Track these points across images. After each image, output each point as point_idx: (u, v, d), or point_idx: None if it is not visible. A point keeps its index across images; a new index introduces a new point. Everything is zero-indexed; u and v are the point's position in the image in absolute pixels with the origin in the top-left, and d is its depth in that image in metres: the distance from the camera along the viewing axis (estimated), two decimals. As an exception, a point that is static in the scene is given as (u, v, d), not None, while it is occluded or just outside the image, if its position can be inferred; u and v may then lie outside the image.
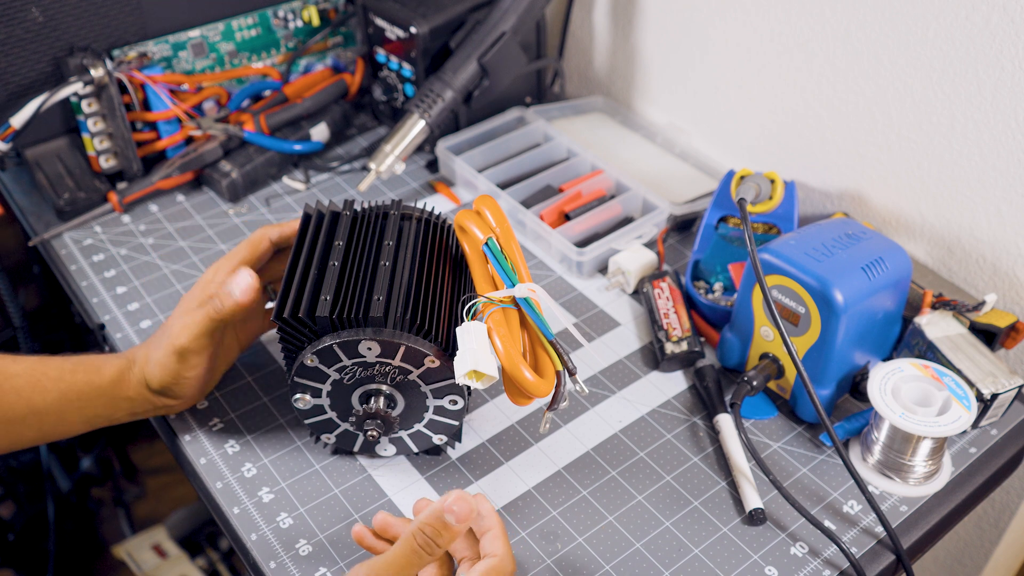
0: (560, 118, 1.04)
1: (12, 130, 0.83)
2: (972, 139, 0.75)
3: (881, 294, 0.67)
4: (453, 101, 0.92)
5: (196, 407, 0.72)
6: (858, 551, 0.62)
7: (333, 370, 0.61)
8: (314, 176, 0.97)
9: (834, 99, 0.84)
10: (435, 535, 0.50)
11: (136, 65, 0.90)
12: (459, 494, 0.50)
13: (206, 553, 1.35)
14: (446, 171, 0.97)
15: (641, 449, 0.69)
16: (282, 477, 0.67)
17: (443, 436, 0.66)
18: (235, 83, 0.99)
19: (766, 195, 0.79)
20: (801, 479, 0.67)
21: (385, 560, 0.51)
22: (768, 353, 0.71)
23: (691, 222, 0.90)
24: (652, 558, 0.62)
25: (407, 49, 0.94)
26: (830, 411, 0.70)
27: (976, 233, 0.79)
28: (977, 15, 0.71)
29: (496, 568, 0.52)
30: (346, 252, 0.64)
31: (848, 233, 0.70)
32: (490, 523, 0.55)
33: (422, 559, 0.51)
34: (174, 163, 0.92)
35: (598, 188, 0.92)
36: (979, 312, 0.72)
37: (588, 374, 0.75)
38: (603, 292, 0.83)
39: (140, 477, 1.51)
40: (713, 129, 0.98)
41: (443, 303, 0.63)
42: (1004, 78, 0.71)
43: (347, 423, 0.65)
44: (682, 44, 0.96)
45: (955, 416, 0.62)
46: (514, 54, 0.95)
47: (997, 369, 0.68)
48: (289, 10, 1.01)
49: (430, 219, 0.69)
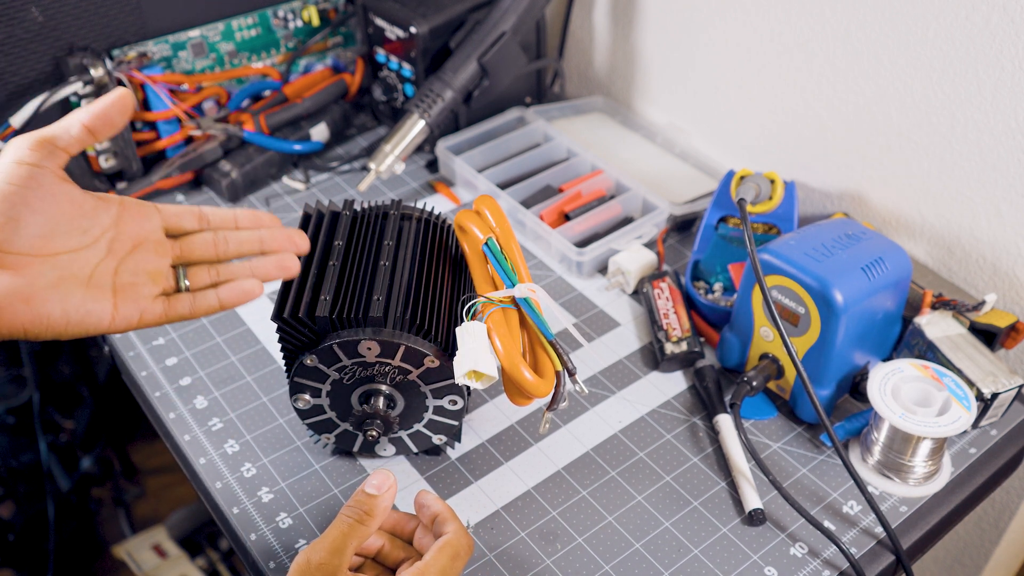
0: (560, 118, 1.04)
1: (12, 130, 0.83)
2: (972, 139, 0.75)
3: (881, 294, 0.67)
4: (453, 101, 0.92)
5: (196, 407, 0.72)
6: (858, 551, 0.62)
7: (333, 370, 0.61)
8: (314, 176, 0.97)
9: (834, 99, 0.84)
10: (360, 504, 0.54)
11: (136, 65, 0.90)
12: (378, 469, 0.56)
13: (206, 553, 1.35)
14: (446, 171, 0.97)
15: (641, 449, 0.69)
16: (281, 477, 0.67)
17: (443, 436, 0.66)
18: (235, 83, 0.99)
19: (766, 195, 0.79)
20: (801, 479, 0.67)
21: (322, 538, 0.53)
22: (768, 353, 0.71)
23: (691, 222, 0.90)
24: (652, 558, 0.62)
25: (407, 49, 0.94)
26: (830, 411, 0.70)
27: (976, 233, 0.79)
28: (977, 15, 0.71)
29: (451, 543, 0.54)
30: (346, 252, 0.64)
31: (848, 233, 0.69)
32: (436, 508, 0.57)
33: (356, 530, 0.53)
34: (174, 163, 0.92)
35: (598, 188, 0.92)
36: (979, 312, 0.72)
37: (588, 374, 0.75)
38: (603, 292, 0.83)
39: (140, 477, 1.51)
40: (713, 129, 0.98)
41: (443, 303, 0.63)
42: (1004, 78, 0.71)
43: (347, 423, 0.65)
44: (682, 44, 0.96)
45: (955, 416, 0.62)
46: (514, 54, 0.95)
47: (997, 369, 0.68)
48: (289, 10, 1.01)
49: (430, 219, 0.69)
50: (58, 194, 0.54)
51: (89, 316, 0.55)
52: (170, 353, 0.77)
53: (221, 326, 0.79)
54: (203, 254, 0.61)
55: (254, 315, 0.80)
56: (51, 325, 0.54)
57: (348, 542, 0.52)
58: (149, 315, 0.58)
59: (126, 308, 0.57)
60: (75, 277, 0.55)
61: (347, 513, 0.54)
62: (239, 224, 0.62)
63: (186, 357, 0.76)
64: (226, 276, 0.61)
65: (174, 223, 0.60)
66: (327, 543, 0.52)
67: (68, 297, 0.54)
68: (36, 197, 0.53)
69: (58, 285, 0.54)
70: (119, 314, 0.56)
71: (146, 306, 0.58)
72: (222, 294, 0.60)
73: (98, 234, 0.57)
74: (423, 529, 0.58)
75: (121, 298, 0.57)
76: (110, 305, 0.56)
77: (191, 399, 0.73)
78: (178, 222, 0.60)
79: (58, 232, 0.54)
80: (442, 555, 0.53)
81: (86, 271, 0.56)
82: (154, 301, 0.58)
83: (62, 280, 0.54)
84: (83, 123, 0.54)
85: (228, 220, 0.61)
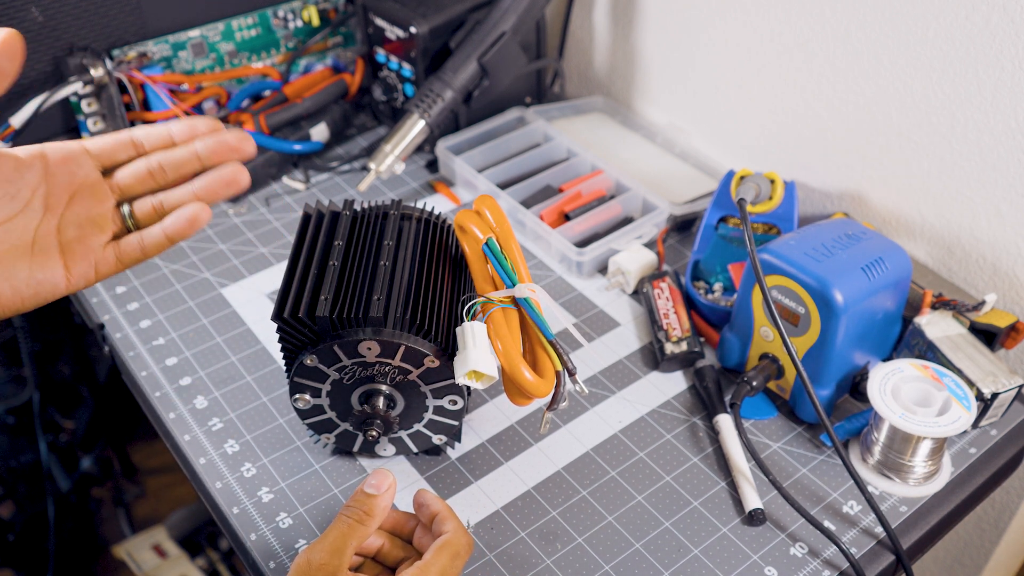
0: (560, 118, 1.04)
1: (12, 130, 0.83)
2: (972, 139, 0.75)
3: (881, 294, 0.67)
4: (453, 101, 0.92)
5: (196, 407, 0.72)
6: (858, 551, 0.62)
7: (333, 370, 0.61)
8: (314, 176, 0.97)
9: (834, 99, 0.84)
10: (360, 504, 0.54)
11: (136, 65, 0.90)
12: (377, 469, 0.55)
13: (206, 553, 1.35)
14: (446, 171, 0.97)
15: (641, 449, 0.69)
16: (281, 477, 0.67)
17: (443, 436, 0.66)
18: (235, 83, 0.99)
19: (766, 195, 0.79)
20: (801, 479, 0.67)
21: (321, 539, 0.53)
22: (768, 353, 0.71)
23: (691, 222, 0.90)
24: (652, 558, 0.62)
25: (407, 49, 0.94)
26: (830, 411, 0.70)
27: (976, 233, 0.79)
28: (977, 15, 0.71)
29: (450, 542, 0.54)
30: (346, 252, 0.64)
31: (848, 233, 0.69)
32: (436, 508, 0.57)
33: (355, 531, 0.53)
34: (174, 163, 0.92)
35: (598, 188, 0.92)
36: (979, 312, 0.72)
37: (588, 374, 0.75)
38: (603, 292, 0.83)
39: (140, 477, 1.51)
40: (713, 129, 0.98)
41: (443, 303, 0.63)
42: (1004, 78, 0.71)
43: (347, 423, 0.65)
44: (682, 44, 0.96)
45: (955, 416, 0.62)
46: (514, 54, 0.95)
47: (997, 369, 0.68)
48: (289, 10, 1.01)
49: (430, 219, 0.69)
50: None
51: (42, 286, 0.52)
52: (170, 353, 0.77)
53: (221, 326, 0.79)
54: (143, 186, 0.55)
55: (254, 315, 0.80)
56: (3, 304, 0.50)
57: (348, 542, 0.52)
58: (104, 266, 0.54)
59: (78, 266, 0.53)
60: (16, 248, 0.51)
61: (346, 513, 0.54)
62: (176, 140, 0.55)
63: (186, 357, 0.76)
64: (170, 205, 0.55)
65: (107, 159, 0.55)
66: (327, 544, 0.52)
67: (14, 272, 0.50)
68: None
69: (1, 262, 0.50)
70: (72, 274, 0.53)
71: (98, 257, 0.54)
72: (167, 227, 0.54)
73: (28, 195, 0.52)
74: (422, 528, 0.58)
75: (71, 257, 0.53)
76: (61, 268, 0.52)
77: (191, 399, 0.73)
78: (111, 156, 0.55)
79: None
80: (442, 554, 0.53)
81: (27, 238, 0.51)
82: (105, 250, 0.54)
83: (3, 256, 0.50)
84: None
85: (163, 138, 0.55)
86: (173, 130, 0.55)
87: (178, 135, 0.55)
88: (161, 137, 0.55)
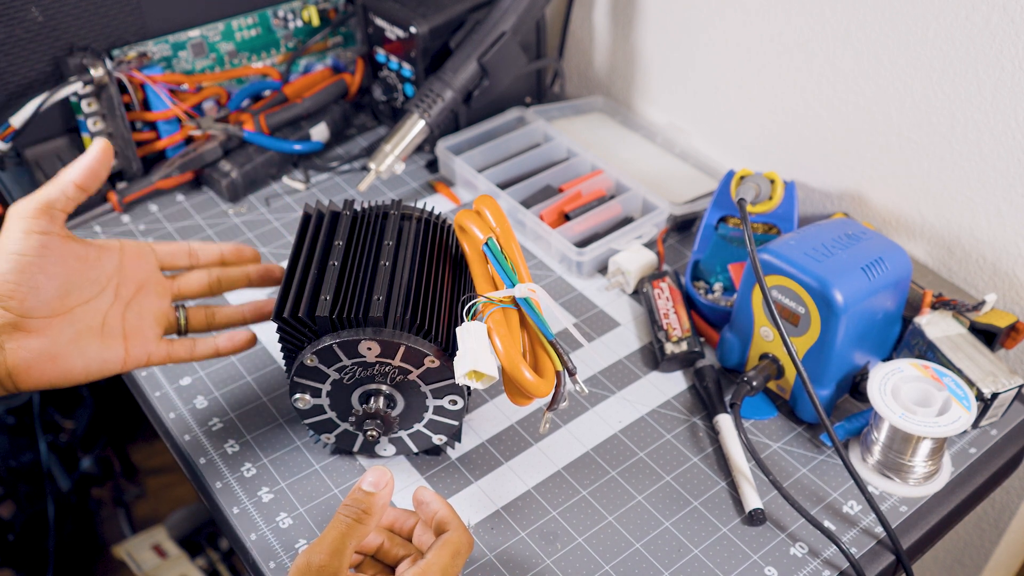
0: (560, 118, 1.04)
1: (12, 130, 0.83)
2: (972, 139, 0.75)
3: (881, 294, 0.67)
4: (453, 101, 0.92)
5: (196, 407, 0.72)
6: (858, 551, 0.62)
7: (333, 370, 0.61)
8: (314, 176, 0.97)
9: (834, 99, 0.84)
10: (358, 503, 0.54)
11: (136, 65, 0.90)
12: (375, 467, 0.55)
13: (206, 553, 1.36)
14: (446, 171, 0.97)
15: (641, 449, 0.69)
16: (281, 477, 0.67)
17: (443, 436, 0.66)
18: (235, 83, 0.99)
19: (766, 195, 0.79)
20: (801, 479, 0.67)
21: (321, 539, 0.53)
22: (768, 353, 0.71)
23: (691, 222, 0.90)
24: (652, 558, 0.62)
25: (407, 49, 0.94)
26: (830, 411, 0.70)
27: (976, 233, 0.79)
28: (977, 15, 0.71)
29: (451, 541, 0.54)
30: (346, 252, 0.64)
31: (848, 233, 0.69)
32: (436, 506, 0.57)
33: (355, 530, 0.53)
34: (174, 163, 0.92)
35: (598, 188, 0.92)
36: (979, 312, 0.72)
37: (588, 374, 0.75)
38: (603, 292, 0.83)
39: (140, 477, 1.51)
40: (713, 129, 0.98)
41: (443, 303, 0.63)
42: (1004, 78, 0.71)
43: (347, 423, 0.65)
44: (682, 44, 0.96)
45: (955, 416, 0.62)
46: (514, 54, 0.95)
47: (997, 369, 0.68)
48: (289, 10, 1.01)
49: (430, 219, 0.69)
50: (67, 254, 0.58)
51: (105, 364, 0.60)
52: (170, 353, 0.77)
53: (221, 326, 0.79)
54: (199, 290, 0.66)
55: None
56: (73, 378, 0.58)
57: (347, 542, 0.52)
58: (156, 356, 0.63)
59: (136, 351, 0.61)
60: (90, 328, 0.59)
61: (345, 512, 0.53)
62: (225, 259, 0.68)
63: (186, 357, 0.76)
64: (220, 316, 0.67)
65: (168, 261, 0.65)
66: (326, 544, 0.52)
67: (86, 350, 0.58)
68: (49, 262, 0.56)
69: (77, 340, 0.58)
70: (130, 357, 0.61)
71: (153, 349, 0.63)
72: (220, 344, 0.66)
73: (105, 282, 0.60)
74: (423, 526, 0.58)
75: (131, 342, 0.61)
76: (122, 350, 0.60)
77: (191, 399, 0.73)
78: (171, 260, 0.66)
79: (72, 289, 0.58)
80: (443, 553, 0.53)
81: (98, 320, 0.59)
82: (159, 343, 0.63)
83: (79, 334, 0.58)
84: (75, 183, 0.57)
85: (215, 255, 0.67)
86: (224, 250, 0.68)
87: (228, 255, 0.68)
88: (212, 254, 0.67)
